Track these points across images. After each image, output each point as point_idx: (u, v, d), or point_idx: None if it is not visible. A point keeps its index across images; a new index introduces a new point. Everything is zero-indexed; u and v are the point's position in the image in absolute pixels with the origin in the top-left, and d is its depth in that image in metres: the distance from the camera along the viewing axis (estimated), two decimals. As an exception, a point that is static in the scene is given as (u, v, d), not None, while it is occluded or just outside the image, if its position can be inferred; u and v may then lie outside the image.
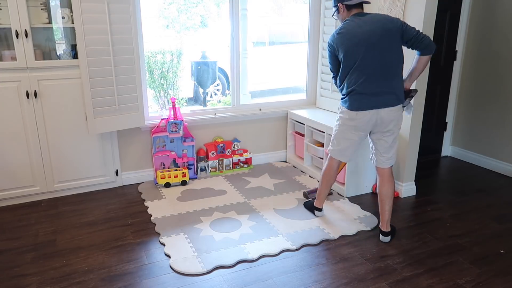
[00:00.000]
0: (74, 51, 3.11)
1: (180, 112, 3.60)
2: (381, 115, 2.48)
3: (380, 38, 2.39)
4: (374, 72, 2.42)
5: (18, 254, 2.52)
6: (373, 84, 2.43)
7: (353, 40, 2.41)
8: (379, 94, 2.44)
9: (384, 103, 2.46)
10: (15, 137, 3.04)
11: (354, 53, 2.42)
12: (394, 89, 2.46)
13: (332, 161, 2.80)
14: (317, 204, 2.99)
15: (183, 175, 3.52)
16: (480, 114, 4.09)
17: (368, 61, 2.41)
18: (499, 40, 3.83)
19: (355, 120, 2.53)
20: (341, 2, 2.51)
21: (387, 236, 2.69)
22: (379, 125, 2.52)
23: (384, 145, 2.59)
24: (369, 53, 2.40)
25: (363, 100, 2.46)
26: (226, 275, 2.33)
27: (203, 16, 5.53)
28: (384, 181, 2.68)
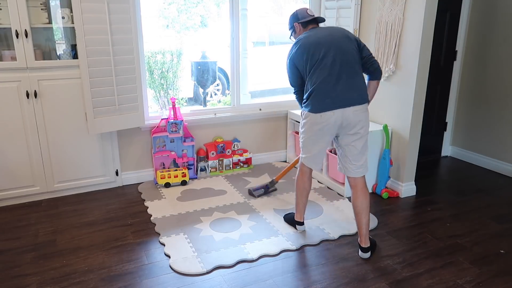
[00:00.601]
0: (74, 51, 3.11)
1: (180, 112, 3.60)
2: (346, 115, 2.34)
3: (338, 40, 2.39)
4: (334, 71, 2.33)
5: (18, 254, 2.52)
6: (334, 83, 2.33)
7: (312, 45, 2.40)
8: (341, 93, 2.33)
9: (348, 102, 2.33)
10: (15, 137, 3.04)
11: (313, 55, 2.37)
12: (357, 87, 2.37)
13: (305, 168, 2.64)
14: (298, 217, 2.77)
15: (183, 175, 3.52)
16: (480, 114, 4.09)
17: (327, 60, 2.34)
18: (499, 40, 3.83)
19: (320, 124, 2.38)
20: (296, 21, 2.56)
21: (367, 252, 2.49)
22: (346, 127, 2.38)
23: (353, 151, 2.42)
24: (328, 52, 2.35)
25: (326, 100, 2.33)
26: (226, 275, 2.33)
27: (203, 16, 5.53)
28: (357, 192, 2.47)
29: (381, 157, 3.39)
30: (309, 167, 2.62)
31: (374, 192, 3.44)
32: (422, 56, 3.07)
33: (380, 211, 3.11)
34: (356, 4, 3.53)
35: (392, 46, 3.24)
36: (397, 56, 3.23)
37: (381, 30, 3.33)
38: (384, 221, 2.97)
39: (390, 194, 3.37)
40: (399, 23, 3.16)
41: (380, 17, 3.33)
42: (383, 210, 3.15)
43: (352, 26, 3.58)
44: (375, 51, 3.43)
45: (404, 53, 3.18)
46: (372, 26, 3.46)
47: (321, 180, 3.65)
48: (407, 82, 3.18)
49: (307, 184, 2.67)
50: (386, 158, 3.30)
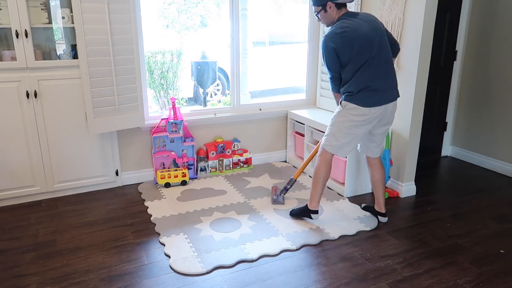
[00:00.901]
0: (74, 51, 3.11)
1: (180, 112, 3.60)
2: (388, 109, 2.62)
3: (381, 37, 2.53)
4: (383, 69, 2.54)
5: (18, 254, 2.52)
6: (383, 80, 2.55)
7: (362, 39, 2.45)
8: (386, 90, 2.58)
9: (391, 98, 2.61)
10: (15, 137, 3.04)
11: (365, 51, 2.46)
12: (396, 84, 2.65)
13: (327, 155, 2.72)
14: (315, 206, 2.84)
15: (183, 175, 3.52)
16: (480, 114, 4.09)
17: (378, 59, 2.50)
18: (499, 40, 3.83)
19: (366, 116, 2.56)
20: (331, 0, 2.49)
21: (386, 216, 2.93)
22: (383, 119, 2.65)
23: (381, 137, 2.79)
24: (378, 51, 2.50)
25: (376, 96, 2.54)
26: (226, 275, 2.33)
27: (203, 16, 5.53)
28: (377, 169, 2.89)
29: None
30: (331, 155, 2.74)
31: (374, 192, 3.44)
32: (422, 56, 3.07)
33: (380, 211, 3.11)
34: (356, 4, 3.53)
35: (392, 46, 3.24)
36: (398, 56, 3.23)
37: (381, 30, 3.33)
38: (384, 221, 2.97)
39: (390, 194, 3.37)
40: (399, 23, 3.16)
41: (380, 17, 3.33)
42: (383, 210, 3.15)
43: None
44: (375, 51, 3.43)
45: (404, 53, 3.18)
46: (372, 26, 3.45)
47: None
48: (407, 82, 3.18)
49: (329, 173, 2.81)
50: (386, 158, 3.30)
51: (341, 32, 2.45)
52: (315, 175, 2.79)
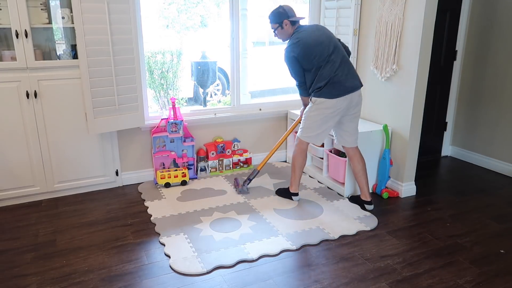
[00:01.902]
0: (74, 51, 3.11)
1: (180, 112, 3.60)
2: (353, 98, 2.88)
3: (333, 39, 2.89)
4: (341, 63, 2.83)
5: (18, 254, 2.52)
6: (342, 72, 2.82)
7: (316, 43, 2.82)
8: (348, 80, 2.84)
9: (354, 88, 2.87)
10: (15, 137, 3.04)
11: (322, 52, 2.81)
12: (356, 74, 2.92)
13: (303, 144, 3.07)
14: (295, 189, 3.21)
15: (183, 175, 3.52)
16: (480, 114, 4.09)
17: (334, 56, 2.83)
18: (499, 40, 3.83)
19: (333, 107, 2.85)
20: (287, 18, 2.90)
21: (372, 204, 3.10)
22: (350, 108, 2.91)
23: (353, 126, 3.00)
24: (333, 50, 2.83)
25: (340, 87, 2.81)
26: (226, 275, 2.33)
27: (203, 16, 5.53)
28: (357, 159, 3.07)
29: (381, 157, 3.39)
30: (306, 143, 3.07)
31: (374, 192, 3.44)
32: (422, 56, 3.07)
33: (380, 211, 3.11)
34: (356, 4, 3.53)
35: (393, 46, 3.24)
36: (398, 56, 3.23)
37: (381, 30, 3.33)
38: (384, 221, 2.97)
39: (390, 194, 3.37)
40: (399, 23, 3.16)
41: (380, 17, 3.33)
42: (383, 210, 3.15)
43: (352, 26, 3.58)
44: (375, 51, 3.43)
45: (404, 53, 3.18)
46: (372, 26, 3.46)
47: (321, 180, 3.65)
48: (407, 82, 3.18)
49: (305, 160, 3.16)
50: (386, 158, 3.30)
51: (298, 42, 2.84)
52: (293, 163, 3.15)
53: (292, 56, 2.86)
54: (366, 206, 3.10)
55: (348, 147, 3.06)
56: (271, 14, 2.96)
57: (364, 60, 3.62)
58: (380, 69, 3.40)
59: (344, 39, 3.69)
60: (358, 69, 3.69)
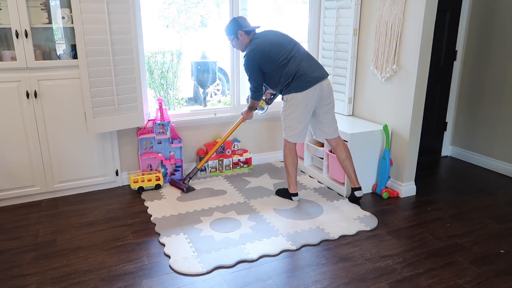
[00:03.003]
0: (74, 51, 3.11)
1: (167, 113, 3.57)
2: (323, 87, 2.93)
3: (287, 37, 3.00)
4: (303, 57, 2.92)
5: (18, 254, 2.52)
6: (307, 66, 2.90)
7: (273, 44, 2.92)
8: (315, 72, 2.90)
9: (321, 76, 2.92)
10: (15, 137, 3.04)
11: (282, 51, 2.91)
12: (320, 65, 3.00)
13: (290, 144, 3.12)
14: (293, 189, 3.22)
15: (157, 179, 3.42)
16: (480, 114, 4.09)
17: (295, 51, 2.92)
18: (499, 40, 3.83)
19: (306, 100, 2.91)
20: (241, 29, 3.00)
21: (360, 190, 3.14)
22: (322, 99, 2.96)
23: (329, 117, 3.06)
24: (293, 46, 2.94)
25: (307, 79, 2.88)
26: (226, 275, 2.33)
27: (203, 16, 5.53)
28: (341, 149, 3.11)
29: (381, 157, 3.39)
30: (294, 143, 3.11)
31: (374, 192, 3.44)
32: (422, 56, 3.07)
33: (380, 211, 3.12)
34: (356, 4, 3.53)
35: (393, 46, 3.24)
36: (398, 56, 3.23)
37: (381, 30, 3.33)
38: (384, 221, 2.97)
39: (390, 194, 3.37)
40: (399, 23, 3.16)
41: (380, 17, 3.33)
42: (383, 210, 3.15)
43: (352, 26, 3.58)
44: (375, 51, 3.43)
45: (404, 53, 3.18)
46: (372, 26, 3.46)
47: (321, 180, 3.65)
48: (407, 82, 3.18)
49: (296, 158, 3.17)
50: (386, 158, 3.30)
51: (255, 48, 2.94)
52: (285, 164, 3.19)
53: (251, 63, 2.96)
54: (356, 193, 3.14)
55: (330, 138, 3.12)
56: (226, 27, 3.08)
57: (364, 60, 3.62)
58: (380, 69, 3.40)
59: (344, 39, 3.69)
60: (358, 69, 3.69)
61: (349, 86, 3.75)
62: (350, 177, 3.17)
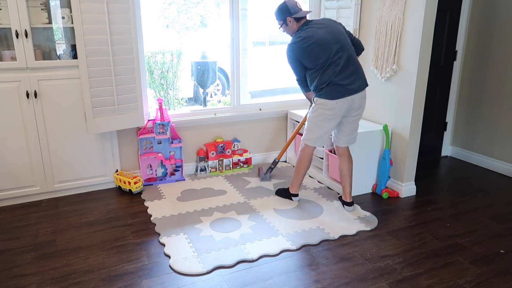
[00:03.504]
0: (74, 51, 3.11)
1: (167, 113, 3.57)
2: (354, 100, 2.83)
3: (339, 36, 2.79)
4: (344, 64, 2.76)
5: (18, 254, 2.52)
6: (345, 75, 2.77)
7: (318, 42, 2.74)
8: (351, 83, 2.78)
9: (356, 89, 2.81)
10: (15, 137, 3.04)
11: (323, 52, 2.74)
12: (360, 75, 2.85)
13: (308, 149, 3.06)
14: (295, 190, 3.22)
15: (135, 183, 3.32)
16: (480, 114, 4.09)
17: (338, 56, 2.76)
18: (499, 40, 3.83)
19: (334, 109, 2.82)
20: (289, 16, 2.83)
21: (352, 205, 3.08)
22: (352, 110, 2.86)
23: (352, 128, 2.97)
24: (338, 50, 2.76)
25: (340, 89, 2.77)
26: (226, 275, 2.33)
27: (203, 16, 5.53)
28: (345, 159, 3.05)
29: (381, 157, 3.39)
30: (312, 148, 3.04)
31: (374, 192, 3.44)
32: (422, 56, 3.07)
33: (380, 211, 3.12)
34: (356, 4, 3.53)
35: (393, 46, 3.24)
36: (398, 56, 3.23)
37: (381, 30, 3.33)
38: (384, 221, 2.97)
39: (390, 194, 3.37)
40: (399, 23, 3.16)
41: (380, 17, 3.33)
42: (383, 210, 3.15)
43: (352, 26, 3.58)
44: (375, 51, 3.43)
45: (404, 53, 3.18)
46: (372, 26, 3.46)
47: (321, 180, 3.65)
48: (407, 82, 3.19)
49: (310, 163, 3.13)
50: (386, 158, 3.30)
51: (299, 41, 2.78)
52: (298, 165, 3.14)
53: (292, 56, 2.83)
54: (346, 207, 3.08)
55: (340, 146, 3.04)
56: (275, 11, 2.90)
57: (364, 60, 3.61)
58: (380, 69, 3.40)
59: (344, 39, 3.69)
60: (358, 69, 3.69)
61: (349, 86, 3.74)
62: (344, 190, 3.09)
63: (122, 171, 3.46)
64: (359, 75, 2.83)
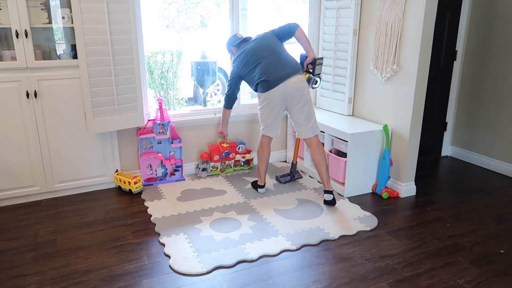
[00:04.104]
0: (74, 51, 3.11)
1: (167, 113, 3.56)
2: (287, 87, 3.02)
3: (261, 42, 3.16)
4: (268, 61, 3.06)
5: (18, 254, 2.52)
6: (271, 70, 3.03)
7: (246, 55, 3.16)
8: (278, 73, 3.02)
9: (284, 77, 3.01)
10: (15, 137, 3.04)
11: (251, 59, 3.13)
12: (286, 63, 3.07)
13: (264, 138, 3.30)
14: (260, 181, 3.38)
15: (135, 183, 3.33)
16: (480, 114, 4.09)
17: (261, 58, 3.09)
18: (499, 40, 3.83)
19: (268, 99, 3.08)
20: (232, 46, 3.34)
21: (331, 193, 3.14)
22: (289, 98, 3.06)
23: (301, 116, 3.11)
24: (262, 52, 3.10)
25: (269, 81, 3.03)
26: (226, 275, 2.33)
27: (203, 16, 5.53)
28: (314, 149, 3.17)
29: (381, 157, 3.39)
30: (267, 137, 3.29)
31: (374, 192, 3.44)
32: (422, 56, 3.07)
33: (380, 211, 3.12)
34: (356, 4, 3.53)
35: (393, 46, 3.24)
36: (398, 56, 3.23)
37: (381, 30, 3.33)
38: (384, 221, 2.97)
39: (390, 194, 3.37)
40: (399, 23, 3.16)
41: (380, 17, 3.33)
42: (383, 210, 3.15)
43: (352, 26, 3.58)
44: (375, 51, 3.43)
45: (404, 53, 3.18)
46: (372, 26, 3.46)
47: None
48: (407, 82, 3.19)
49: (266, 153, 3.33)
50: (386, 158, 3.30)
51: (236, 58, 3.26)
52: (257, 156, 3.39)
53: (233, 71, 3.29)
54: (326, 195, 3.16)
55: (303, 138, 3.19)
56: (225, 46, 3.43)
57: (364, 60, 3.62)
58: (380, 69, 3.40)
59: (344, 39, 3.69)
60: (358, 69, 3.69)
61: (349, 86, 3.75)
62: (321, 178, 3.19)
63: (122, 171, 3.46)
64: (287, 64, 3.07)
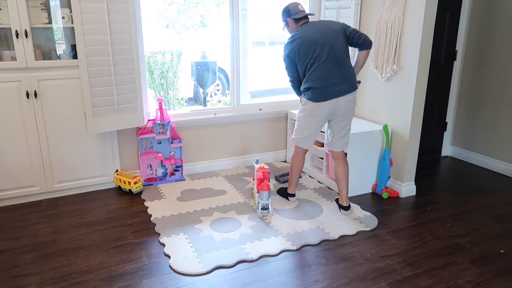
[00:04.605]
0: (74, 51, 3.11)
1: (167, 113, 3.56)
2: (339, 104, 2.81)
3: (328, 37, 2.77)
4: (330, 67, 2.76)
5: (18, 254, 2.52)
6: (329, 78, 2.76)
7: (307, 42, 2.78)
8: (335, 86, 2.77)
9: (341, 92, 2.79)
10: (15, 137, 3.04)
11: (310, 52, 2.78)
12: (347, 77, 2.80)
13: (299, 150, 3.11)
14: (291, 190, 3.24)
15: (135, 183, 3.34)
16: (480, 114, 4.09)
17: (324, 57, 2.76)
18: (499, 40, 3.83)
19: (316, 110, 2.84)
20: (289, 17, 2.92)
21: (348, 209, 3.04)
22: (337, 114, 2.86)
23: (341, 132, 2.94)
24: (323, 50, 2.75)
25: (323, 92, 2.78)
26: (226, 275, 2.33)
27: (203, 16, 5.53)
28: (340, 163, 3.03)
29: (381, 157, 3.39)
30: (302, 149, 3.09)
31: (374, 192, 3.44)
32: (422, 56, 3.07)
33: (380, 211, 3.12)
34: (356, 4, 3.53)
35: (393, 46, 3.24)
36: (398, 56, 3.23)
37: (381, 30, 3.33)
38: (384, 221, 2.97)
39: (390, 194, 3.37)
40: (399, 23, 3.16)
41: (380, 17, 3.33)
42: (383, 210, 3.15)
43: (352, 26, 3.58)
44: (375, 51, 3.43)
45: (404, 53, 3.18)
46: (372, 26, 3.46)
47: (321, 180, 3.65)
48: (407, 82, 3.19)
49: (301, 163, 3.16)
50: (386, 158, 3.30)
51: (291, 41, 2.87)
52: (290, 166, 3.20)
53: (285, 53, 2.92)
54: (342, 211, 3.05)
55: (333, 150, 3.02)
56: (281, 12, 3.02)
57: (364, 60, 3.61)
58: (380, 69, 3.40)
59: (344, 39, 3.69)
60: (358, 69, 3.69)
61: (349, 86, 3.74)
62: (340, 193, 3.07)
63: (122, 171, 3.46)
64: (346, 78, 2.79)
